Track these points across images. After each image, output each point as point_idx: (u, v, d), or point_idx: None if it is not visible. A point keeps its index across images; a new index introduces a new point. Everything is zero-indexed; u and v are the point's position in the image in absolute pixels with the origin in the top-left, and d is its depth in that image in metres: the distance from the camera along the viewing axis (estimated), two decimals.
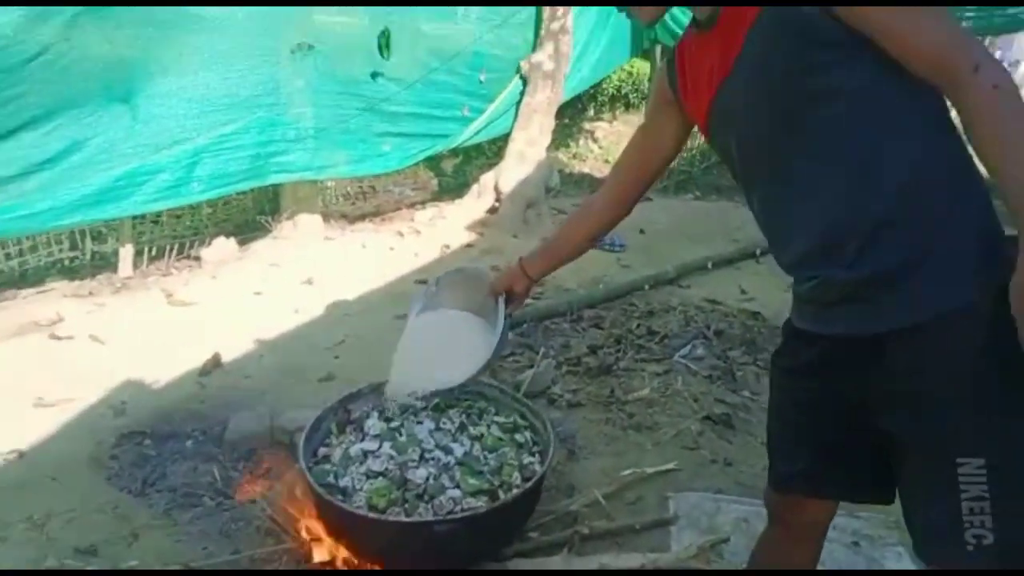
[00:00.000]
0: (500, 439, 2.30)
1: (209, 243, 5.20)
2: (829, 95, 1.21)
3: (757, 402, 3.22)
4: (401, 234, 5.77)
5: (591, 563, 2.19)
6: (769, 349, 3.37)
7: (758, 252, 5.25)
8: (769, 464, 1.61)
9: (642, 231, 5.87)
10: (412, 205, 6.82)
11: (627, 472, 2.64)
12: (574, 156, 8.86)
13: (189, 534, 2.35)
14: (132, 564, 2.19)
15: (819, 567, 1.71)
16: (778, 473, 1.58)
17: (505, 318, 2.02)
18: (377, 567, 2.04)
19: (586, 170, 8.43)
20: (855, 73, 1.19)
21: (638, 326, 4.00)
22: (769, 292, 4.52)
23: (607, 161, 8.71)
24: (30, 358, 3.51)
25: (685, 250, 5.48)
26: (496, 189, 6.21)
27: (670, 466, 2.70)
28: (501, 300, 2.04)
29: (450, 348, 2.19)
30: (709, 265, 5.07)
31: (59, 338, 3.71)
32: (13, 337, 3.69)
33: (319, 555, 2.04)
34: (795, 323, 1.44)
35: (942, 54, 1.13)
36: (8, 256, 4.55)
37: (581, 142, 9.20)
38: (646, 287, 4.59)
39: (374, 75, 5.58)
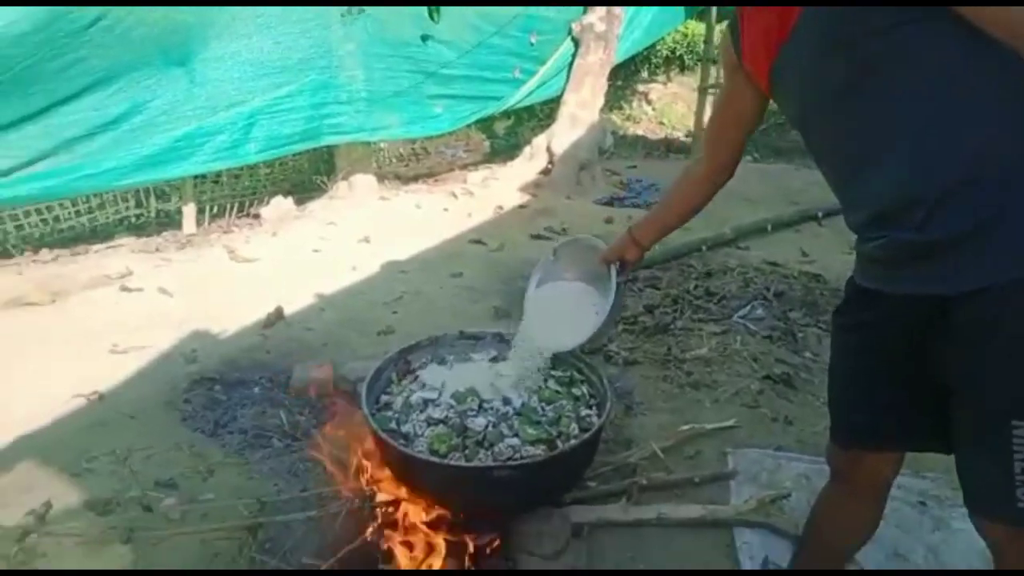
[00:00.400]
0: (557, 392, 2.32)
1: (267, 202, 5.30)
2: (898, 57, 1.18)
3: (818, 363, 3.18)
4: (454, 195, 5.79)
5: (649, 512, 2.22)
6: (831, 312, 3.32)
7: (820, 215, 5.15)
8: (831, 420, 1.60)
9: None
10: (464, 167, 6.84)
11: (685, 427, 2.65)
12: (628, 118, 8.74)
13: (260, 472, 2.44)
14: (208, 497, 2.29)
15: (884, 525, 1.70)
16: (840, 428, 1.58)
17: (618, 286, 2.08)
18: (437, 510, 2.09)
19: (640, 132, 8.32)
20: (927, 34, 1.15)
21: (696, 287, 3.97)
22: (830, 255, 4.43)
23: (661, 123, 8.59)
24: (103, 308, 3.66)
25: (744, 212, 5.39)
26: (549, 151, 6.18)
27: (730, 423, 2.70)
28: (613, 268, 2.09)
29: (569, 315, 2.27)
30: (769, 227, 4.99)
31: (129, 290, 3.85)
32: (86, 289, 3.84)
33: (382, 496, 2.09)
34: (859, 281, 1.43)
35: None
36: (79, 213, 4.71)
37: (635, 104, 9.07)
38: (704, 248, 4.54)
39: (424, 38, 5.58)
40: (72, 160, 4.03)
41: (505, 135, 7.82)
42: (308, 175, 5.95)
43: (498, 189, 5.93)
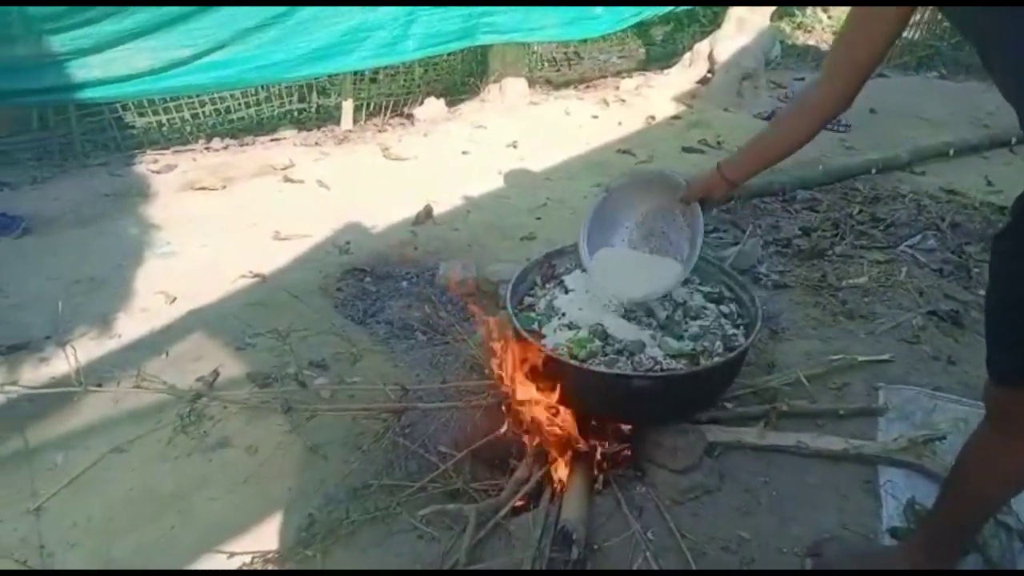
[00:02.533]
0: (704, 308, 2.26)
1: (420, 103, 5.36)
2: None
3: None
4: (605, 102, 5.62)
5: (787, 439, 2.15)
6: None
7: (1013, 141, 4.60)
8: (988, 355, 1.45)
9: (872, 111, 5.31)
10: (618, 73, 6.60)
11: (835, 357, 2.51)
12: (799, 26, 8.07)
13: (404, 361, 2.57)
14: (356, 380, 2.44)
15: None
16: (999, 363, 1.44)
17: (702, 229, 2.02)
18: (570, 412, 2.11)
19: (811, 42, 7.67)
20: None
21: (860, 212, 3.69)
22: (1021, 186, 3.96)
23: (836, 33, 7.86)
24: (267, 196, 3.89)
25: (922, 134, 4.91)
26: (710, 58, 5.83)
27: (885, 357, 2.53)
28: (698, 209, 2.01)
29: (645, 268, 2.21)
30: (950, 152, 4.51)
31: (291, 181, 4.06)
32: (254, 177, 4.08)
33: (521, 394, 2.13)
34: None
35: None
36: (247, 105, 4.97)
37: (809, 11, 8.33)
38: (873, 171, 4.19)
39: None
40: (245, 51, 4.22)
41: (662, 41, 7.45)
42: (461, 77, 5.95)
43: (651, 98, 5.69)
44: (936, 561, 1.67)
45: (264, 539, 1.90)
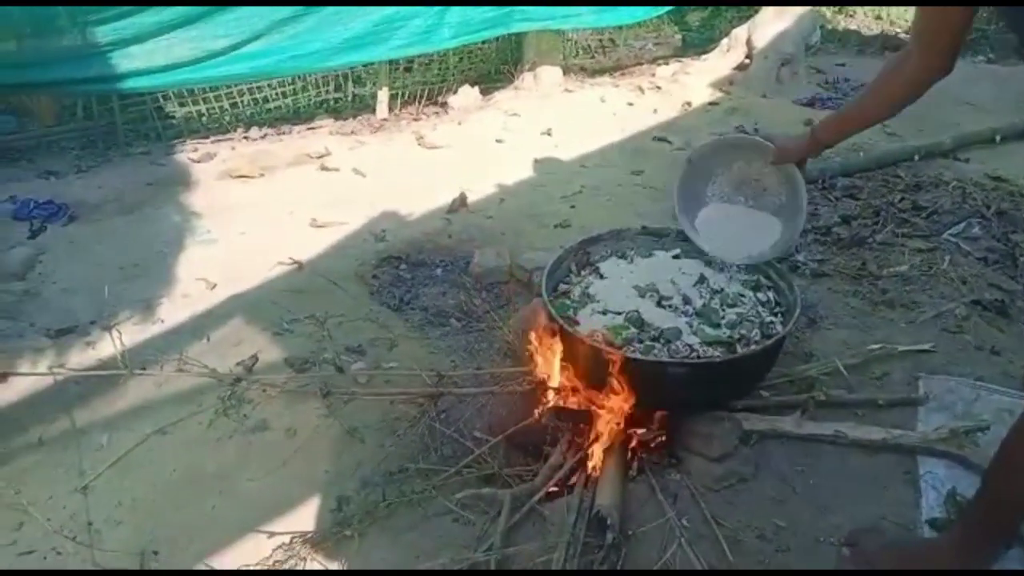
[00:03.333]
0: (741, 295, 2.24)
1: (455, 91, 5.37)
2: None
3: None
4: (641, 89, 5.57)
5: (825, 429, 2.12)
6: None
7: None
8: None
9: None
10: (654, 60, 6.53)
11: (875, 347, 2.47)
12: (840, 10, 7.89)
13: (439, 348, 2.59)
14: (392, 365, 2.47)
15: None
16: None
17: (804, 186, 2.06)
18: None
19: (853, 27, 7.50)
20: None
21: (902, 199, 3.61)
22: None
23: (879, 18, 7.69)
24: (304, 184, 3.93)
25: (968, 120, 4.79)
26: (748, 44, 5.74)
27: (926, 346, 2.48)
28: (795, 169, 2.04)
29: (749, 231, 2.27)
30: (997, 138, 4.39)
31: (328, 169, 4.10)
32: (291, 166, 4.14)
33: (555, 381, 2.14)
34: None
35: None
36: (284, 94, 5.01)
37: None
38: (915, 157, 4.09)
39: None
40: (281, 41, 4.27)
41: (699, 28, 7.34)
42: (495, 65, 5.94)
43: (688, 84, 5.63)
44: (976, 553, 1.64)
45: (302, 520, 1.94)
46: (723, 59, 5.87)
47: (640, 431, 2.08)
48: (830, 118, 1.86)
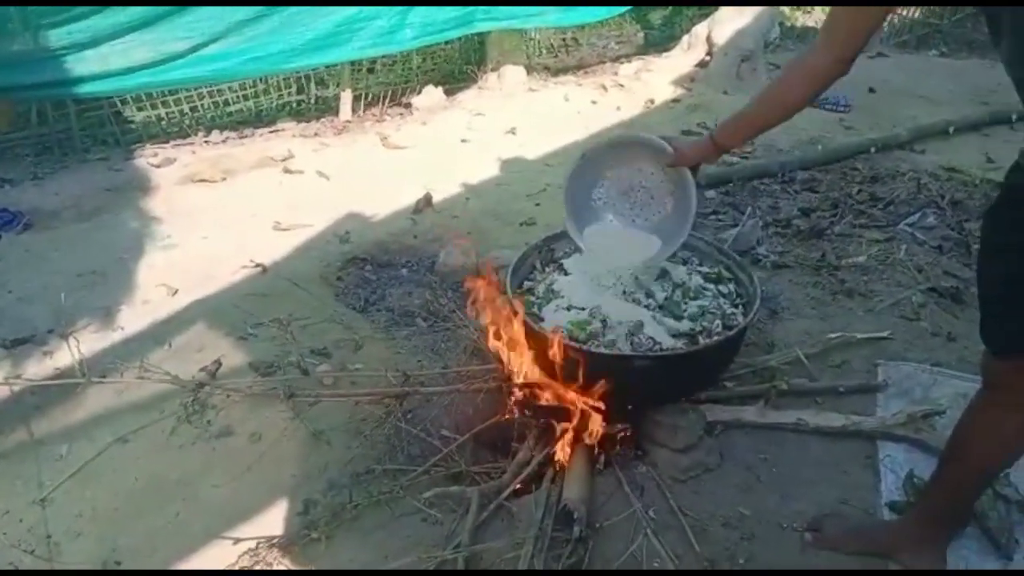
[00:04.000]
0: (703, 288, 2.26)
1: (419, 91, 5.35)
2: None
3: None
4: (604, 88, 5.60)
5: (787, 417, 2.16)
6: None
7: (1014, 118, 4.58)
8: (982, 328, 1.47)
9: (872, 90, 5.29)
10: (616, 59, 6.57)
11: (834, 335, 2.52)
12: (798, 8, 8.01)
13: (405, 348, 2.58)
14: (357, 367, 2.45)
15: None
16: (995, 336, 1.46)
17: (695, 194, 2.03)
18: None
19: (811, 23, 7.62)
20: None
21: (859, 191, 3.68)
22: None
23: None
24: (268, 188, 3.89)
25: (922, 112, 4.90)
26: (708, 41, 5.81)
27: (884, 334, 2.54)
28: (688, 175, 2.02)
29: (637, 243, 2.23)
30: (950, 130, 4.50)
31: (291, 172, 4.07)
32: (253, 169, 4.09)
33: (521, 378, 2.14)
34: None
35: None
36: (245, 97, 4.96)
37: None
38: (872, 150, 4.17)
39: None
40: (241, 43, 4.22)
41: (661, 25, 7.40)
42: (459, 66, 5.93)
43: (650, 82, 5.68)
44: (934, 532, 1.68)
45: (269, 525, 1.92)
46: (684, 56, 5.93)
47: (606, 425, 2.10)
48: (728, 121, 1.84)
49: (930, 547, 1.70)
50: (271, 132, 4.75)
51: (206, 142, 4.54)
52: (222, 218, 3.53)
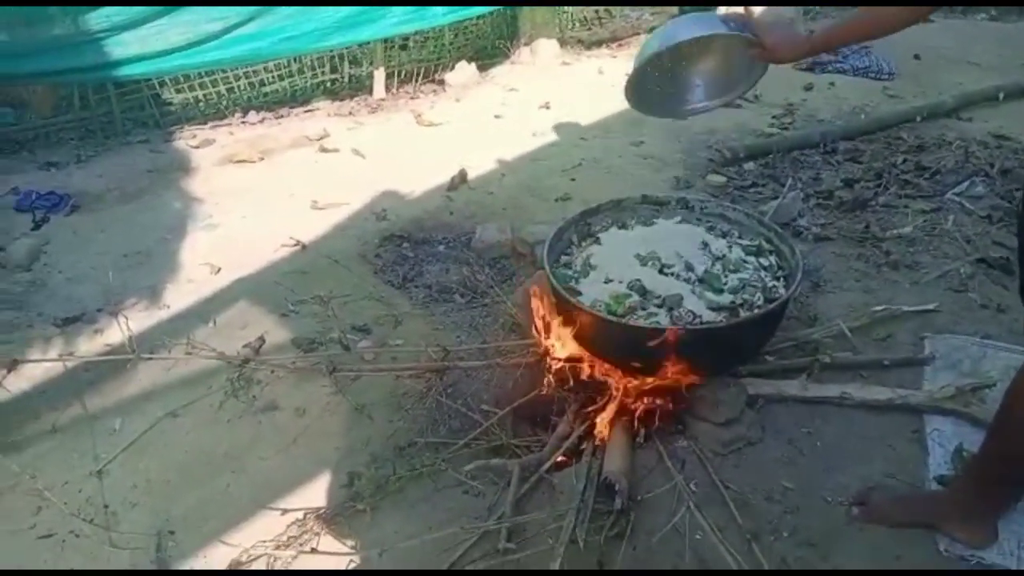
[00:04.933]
0: (743, 260, 2.23)
1: (452, 68, 5.33)
2: None
3: None
4: None
5: (831, 391, 2.13)
6: None
7: None
8: (1021, 290, 1.47)
9: (917, 56, 5.13)
10: (650, 30, 6.46)
11: (879, 308, 2.47)
12: None
13: (444, 324, 2.60)
14: (398, 342, 2.48)
15: None
16: None
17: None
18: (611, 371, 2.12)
19: None
20: None
21: (904, 161, 3.60)
22: None
23: None
24: (304, 167, 3.93)
25: (970, 79, 4.74)
26: (747, 10, 5.67)
27: (930, 306, 2.48)
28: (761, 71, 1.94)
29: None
30: (1000, 96, 4.35)
31: (327, 151, 4.09)
32: (290, 149, 4.13)
33: (560, 352, 2.15)
34: None
35: None
36: (280, 77, 4.98)
37: None
38: (918, 119, 4.06)
39: None
40: (275, 23, 4.24)
41: None
42: (491, 40, 5.89)
43: None
44: (983, 504, 1.65)
45: (314, 496, 1.96)
46: None
47: (647, 399, 2.09)
48: (830, 27, 1.82)
49: (979, 519, 1.67)
50: (306, 112, 4.78)
51: (243, 123, 4.58)
52: (261, 198, 3.57)
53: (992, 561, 1.66)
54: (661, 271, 2.16)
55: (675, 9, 6.86)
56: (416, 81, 5.34)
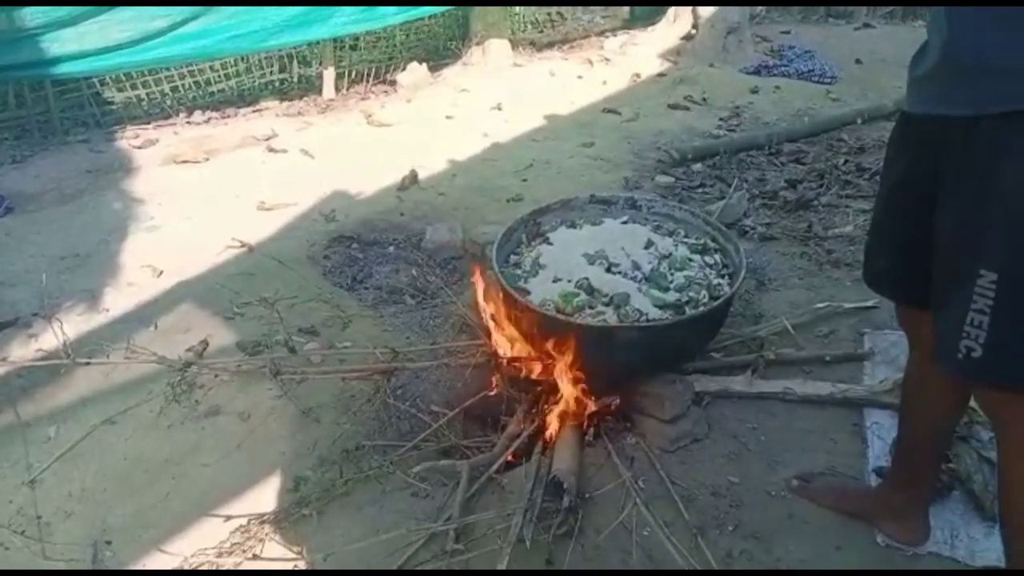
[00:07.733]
0: (689, 259, 2.26)
1: (403, 68, 5.30)
2: None
3: None
4: (590, 62, 5.58)
5: (775, 387, 2.17)
6: None
7: None
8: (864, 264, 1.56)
9: (858, 61, 5.27)
10: (602, 33, 6.54)
11: (821, 305, 2.53)
12: None
13: (393, 325, 2.57)
14: (346, 344, 2.44)
15: None
16: (867, 271, 1.56)
17: None
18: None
19: None
20: None
21: (846, 162, 3.69)
22: None
23: None
24: (252, 168, 3.86)
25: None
26: (694, 14, 5.77)
27: (870, 303, 2.54)
28: None
29: None
30: None
31: (275, 151, 4.03)
32: (237, 149, 4.05)
33: (509, 352, 2.15)
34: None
35: None
36: (227, 76, 4.90)
37: None
38: (858, 121, 4.18)
39: None
40: (220, 20, 4.17)
41: None
42: (442, 41, 5.88)
43: (636, 56, 5.65)
44: (909, 497, 1.69)
45: (259, 502, 1.92)
46: (670, 29, 5.89)
47: (595, 397, 2.10)
48: None
49: (911, 513, 1.71)
50: (254, 112, 4.71)
51: (188, 122, 4.49)
52: (206, 199, 3.49)
53: (927, 551, 1.70)
54: (609, 270, 2.17)
55: (626, 11, 6.94)
56: (367, 81, 5.31)
